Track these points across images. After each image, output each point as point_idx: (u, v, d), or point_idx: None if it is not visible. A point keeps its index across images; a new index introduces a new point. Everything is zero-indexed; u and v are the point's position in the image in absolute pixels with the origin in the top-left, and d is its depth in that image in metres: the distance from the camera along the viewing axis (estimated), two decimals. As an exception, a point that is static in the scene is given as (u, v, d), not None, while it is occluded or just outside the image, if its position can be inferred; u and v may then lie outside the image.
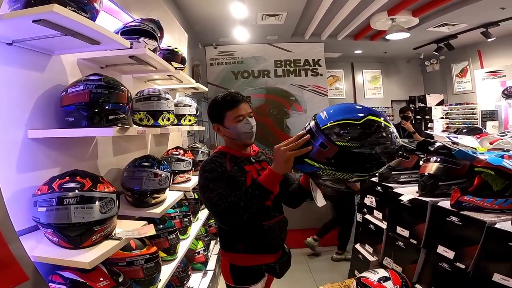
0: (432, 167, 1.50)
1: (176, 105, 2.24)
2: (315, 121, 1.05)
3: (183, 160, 2.19)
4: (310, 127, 1.06)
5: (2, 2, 0.99)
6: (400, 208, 1.57)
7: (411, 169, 1.83)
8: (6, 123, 1.09)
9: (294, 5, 4.28)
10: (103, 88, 1.21)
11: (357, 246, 2.08)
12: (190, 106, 2.41)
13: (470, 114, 6.34)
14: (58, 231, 1.02)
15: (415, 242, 1.47)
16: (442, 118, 6.90)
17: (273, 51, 6.06)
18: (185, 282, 2.08)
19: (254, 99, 5.99)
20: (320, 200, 1.14)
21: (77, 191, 1.04)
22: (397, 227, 1.60)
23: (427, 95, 7.24)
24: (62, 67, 1.39)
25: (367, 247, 1.96)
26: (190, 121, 2.42)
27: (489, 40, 5.13)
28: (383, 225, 1.78)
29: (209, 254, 2.66)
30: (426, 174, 1.51)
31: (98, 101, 1.20)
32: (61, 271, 1.06)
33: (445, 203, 1.34)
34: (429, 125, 6.95)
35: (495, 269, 1.07)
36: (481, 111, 5.97)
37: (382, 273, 1.46)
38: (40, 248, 1.05)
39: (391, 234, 1.68)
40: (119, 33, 1.51)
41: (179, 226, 2.01)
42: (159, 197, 1.63)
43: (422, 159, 1.70)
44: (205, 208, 2.73)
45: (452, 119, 6.73)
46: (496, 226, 1.10)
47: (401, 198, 1.56)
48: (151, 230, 1.22)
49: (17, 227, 1.02)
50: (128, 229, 1.22)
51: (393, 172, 1.85)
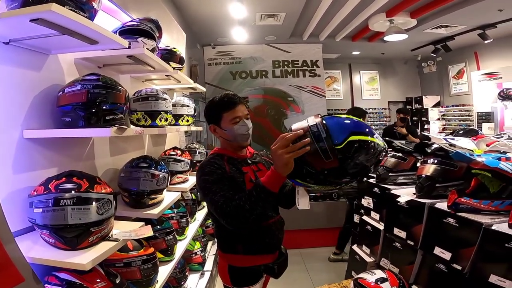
0: (429, 169, 1.51)
1: (174, 105, 2.23)
2: (325, 128, 0.99)
3: (180, 161, 2.18)
4: (318, 130, 1.00)
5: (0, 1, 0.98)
6: (397, 209, 1.58)
7: (408, 170, 1.84)
8: (2, 123, 1.08)
9: (293, 6, 4.28)
10: (100, 88, 1.20)
11: (354, 247, 2.08)
12: (188, 106, 2.40)
13: (466, 116, 6.38)
14: (54, 232, 1.02)
15: (412, 243, 1.48)
16: (439, 119, 6.94)
17: (271, 51, 6.06)
18: (183, 283, 2.07)
19: (252, 99, 6.00)
20: (303, 204, 1.13)
21: (73, 192, 1.03)
22: (394, 228, 1.61)
23: (423, 96, 7.28)
24: (59, 67, 1.38)
25: (364, 248, 1.97)
26: (187, 121, 2.41)
27: (486, 42, 5.17)
28: (380, 226, 1.79)
29: (206, 255, 2.66)
30: (423, 175, 1.52)
31: (95, 101, 1.18)
32: (57, 272, 1.05)
33: (442, 205, 1.35)
34: (426, 126, 6.98)
35: (491, 270, 1.08)
36: (477, 112, 5.99)
37: (379, 274, 1.47)
38: (36, 249, 1.04)
39: (388, 235, 1.69)
40: (117, 33, 1.50)
41: (176, 227, 2.01)
42: (156, 197, 1.63)
43: (420, 161, 1.71)
44: (202, 208, 2.73)
45: (448, 121, 6.77)
46: (493, 227, 1.11)
47: (398, 199, 1.57)
48: (148, 231, 1.21)
49: (13, 228, 1.01)
50: (126, 230, 1.22)
51: (390, 174, 1.86)
